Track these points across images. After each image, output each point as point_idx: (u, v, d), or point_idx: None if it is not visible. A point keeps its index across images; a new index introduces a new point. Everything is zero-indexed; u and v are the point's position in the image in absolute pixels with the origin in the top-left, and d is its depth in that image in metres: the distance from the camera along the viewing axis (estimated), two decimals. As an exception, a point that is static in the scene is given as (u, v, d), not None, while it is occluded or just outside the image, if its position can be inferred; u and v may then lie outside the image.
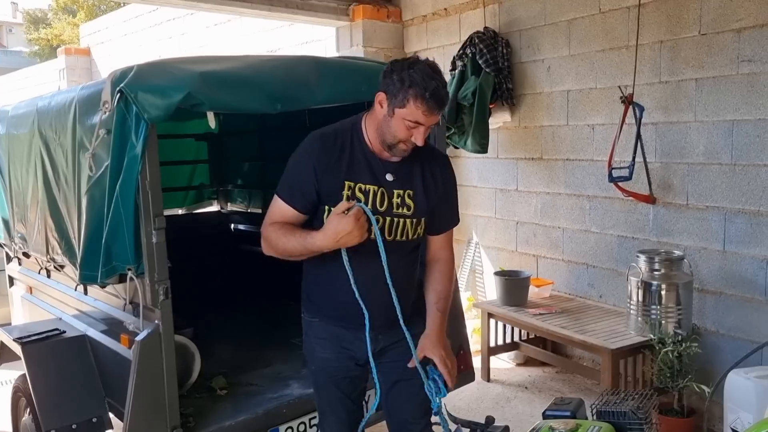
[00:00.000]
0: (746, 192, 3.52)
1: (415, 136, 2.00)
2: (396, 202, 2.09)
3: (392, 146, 2.04)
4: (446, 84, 2.01)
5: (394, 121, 1.99)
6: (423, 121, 1.97)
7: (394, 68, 1.99)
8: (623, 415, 1.99)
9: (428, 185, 2.16)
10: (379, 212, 2.07)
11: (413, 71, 1.94)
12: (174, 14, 8.62)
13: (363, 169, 2.08)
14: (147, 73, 2.32)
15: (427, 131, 2.02)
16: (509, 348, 4.63)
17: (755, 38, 3.41)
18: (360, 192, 2.06)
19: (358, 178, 2.07)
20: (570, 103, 4.44)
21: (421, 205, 2.14)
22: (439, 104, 1.96)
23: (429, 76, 1.94)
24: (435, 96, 1.94)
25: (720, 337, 3.69)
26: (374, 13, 5.55)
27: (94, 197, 2.52)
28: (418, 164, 2.14)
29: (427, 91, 1.92)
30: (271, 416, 2.75)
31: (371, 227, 1.99)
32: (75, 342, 2.97)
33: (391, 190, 2.10)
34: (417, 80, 1.93)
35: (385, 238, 2.06)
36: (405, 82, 1.94)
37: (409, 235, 2.14)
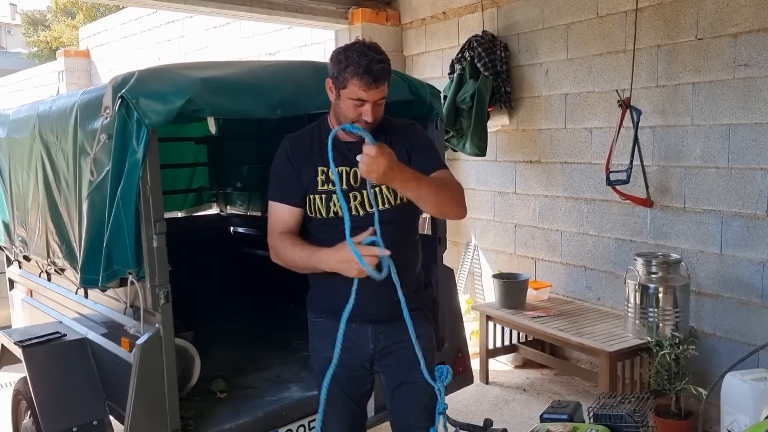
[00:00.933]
0: (743, 195, 3.54)
1: (363, 114, 2.06)
2: None
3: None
4: (383, 59, 2.04)
5: (342, 103, 2.08)
6: (365, 97, 2.03)
7: (335, 53, 2.08)
8: (620, 418, 2.00)
9: (397, 150, 2.10)
10: (355, 188, 2.16)
11: (349, 52, 2.02)
12: (173, 17, 8.64)
13: (335, 155, 2.11)
14: (148, 79, 2.33)
15: (376, 108, 2.07)
16: (508, 350, 4.65)
17: (751, 43, 3.44)
18: (333, 174, 2.12)
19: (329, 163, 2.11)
20: (568, 107, 4.46)
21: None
22: (374, 78, 2.00)
23: (362, 53, 2.01)
24: (369, 71, 1.99)
25: (717, 340, 3.71)
26: (373, 16, 5.57)
27: (95, 202, 2.54)
28: (383, 136, 2.17)
29: (361, 67, 1.99)
30: (270, 419, 2.76)
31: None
32: (75, 345, 2.98)
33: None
34: (353, 59, 2.00)
35: (367, 211, 2.14)
36: (342, 63, 2.02)
37: (392, 201, 2.17)
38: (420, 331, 2.24)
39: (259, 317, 4.31)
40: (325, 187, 2.17)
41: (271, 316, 4.26)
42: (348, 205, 2.12)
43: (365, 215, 2.15)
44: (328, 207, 2.17)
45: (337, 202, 2.14)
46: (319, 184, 2.17)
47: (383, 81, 2.05)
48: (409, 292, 2.16)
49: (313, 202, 2.18)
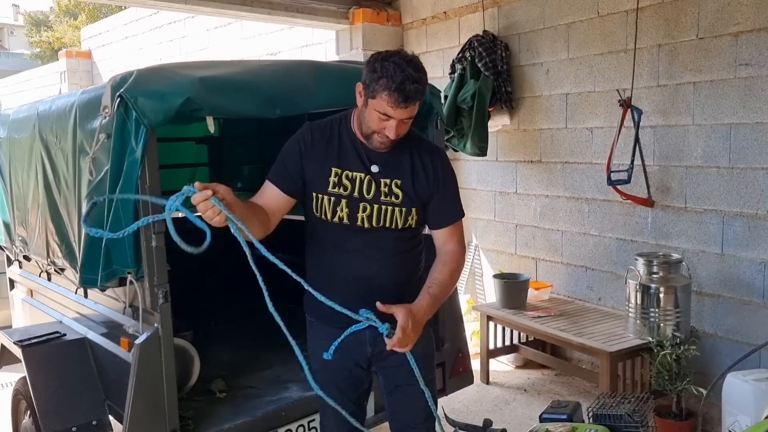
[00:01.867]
0: (744, 195, 3.53)
1: (387, 128, 2.00)
2: (384, 191, 2.11)
3: (368, 137, 2.06)
4: (419, 79, 1.95)
5: (368, 112, 2.01)
6: (391, 113, 1.96)
7: (372, 59, 2.00)
8: (619, 419, 1.99)
9: (417, 175, 2.14)
10: (366, 199, 2.10)
11: (387, 63, 1.93)
12: (175, 17, 8.64)
13: (351, 156, 2.12)
14: (147, 79, 2.33)
15: (401, 126, 2.00)
16: (508, 351, 4.64)
17: (753, 42, 3.43)
18: (347, 179, 2.10)
19: (346, 165, 2.11)
20: (569, 107, 4.45)
21: (409, 194, 2.13)
22: (404, 97, 1.92)
23: (400, 68, 1.91)
24: (401, 89, 1.91)
25: (718, 340, 3.70)
26: (374, 16, 5.56)
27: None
28: (407, 153, 2.14)
29: (395, 83, 1.90)
30: (270, 419, 2.76)
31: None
32: (75, 345, 2.98)
33: (378, 179, 2.11)
34: (389, 71, 1.91)
35: (372, 226, 2.11)
36: (377, 72, 1.93)
37: (398, 224, 2.13)
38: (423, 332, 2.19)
39: (259, 317, 4.27)
40: (336, 189, 2.10)
41: (271, 315, 4.24)
42: (356, 215, 2.10)
43: (369, 229, 2.11)
44: (334, 211, 2.11)
45: (345, 207, 2.10)
46: (330, 185, 2.10)
47: (414, 101, 1.96)
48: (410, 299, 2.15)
49: (320, 201, 2.12)
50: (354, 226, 2.10)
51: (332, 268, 2.18)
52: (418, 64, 1.98)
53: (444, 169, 2.23)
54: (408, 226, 2.17)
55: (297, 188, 2.14)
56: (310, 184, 2.13)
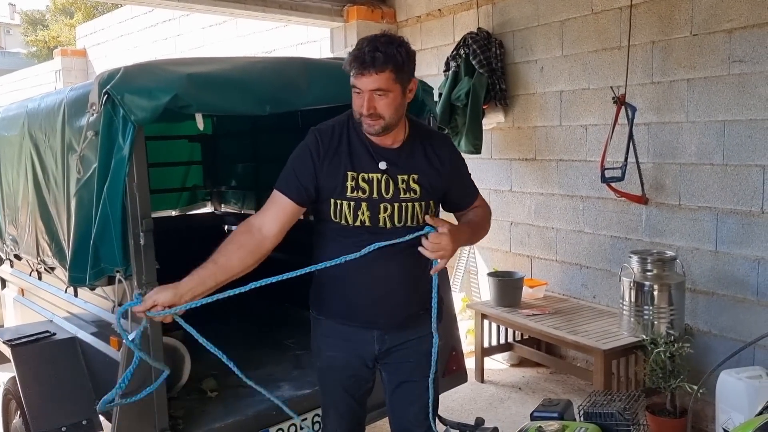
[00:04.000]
0: (738, 192, 3.52)
1: (362, 105, 1.97)
2: (402, 188, 2.09)
3: (360, 124, 2.04)
4: (382, 46, 1.92)
5: (353, 97, 2.02)
6: (358, 84, 1.95)
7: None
8: (610, 417, 1.99)
9: (433, 165, 2.14)
10: (386, 199, 2.07)
11: (361, 39, 1.98)
12: (170, 15, 8.62)
13: (364, 157, 2.08)
14: (134, 75, 2.31)
15: (372, 99, 1.95)
16: (503, 349, 4.63)
17: (746, 39, 3.41)
18: (364, 182, 2.06)
19: (360, 167, 2.07)
20: (563, 104, 4.44)
21: (426, 187, 2.12)
22: (361, 63, 1.91)
23: (367, 40, 1.95)
24: (358, 55, 1.92)
25: (712, 338, 3.69)
26: (368, 14, 5.54)
27: (83, 199, 2.52)
28: (419, 146, 2.14)
29: (352, 53, 1.94)
30: (261, 418, 2.75)
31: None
32: (65, 344, 2.97)
33: (395, 175, 2.08)
34: (356, 45, 1.96)
35: (395, 225, 2.09)
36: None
37: (419, 219, 2.11)
38: (426, 331, 2.22)
39: (252, 316, 4.29)
40: (355, 194, 2.06)
41: (264, 315, 4.24)
42: (377, 216, 2.08)
43: (392, 229, 2.08)
44: (355, 215, 2.07)
45: (365, 211, 2.07)
46: (349, 190, 2.06)
47: (374, 67, 1.91)
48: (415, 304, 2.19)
49: (339, 207, 2.07)
50: (376, 228, 2.08)
51: (350, 270, 2.10)
52: (395, 40, 1.97)
53: (454, 153, 2.26)
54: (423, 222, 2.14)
55: (309, 198, 2.09)
56: (326, 192, 2.08)
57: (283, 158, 2.16)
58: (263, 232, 2.04)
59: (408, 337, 2.20)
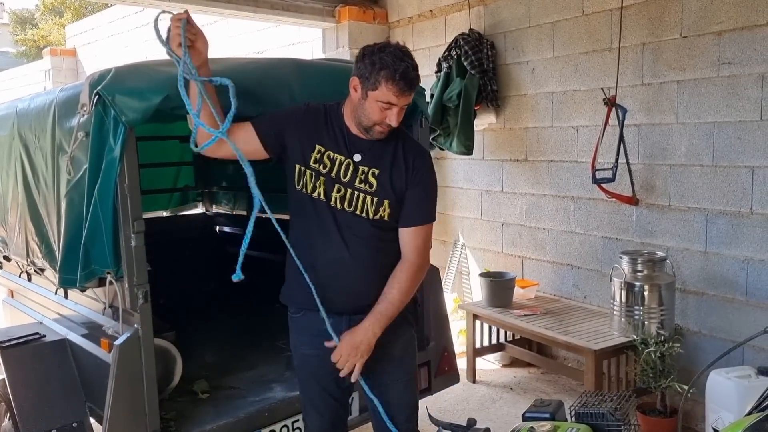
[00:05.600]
0: (727, 193, 3.55)
1: (389, 117, 2.09)
2: (359, 177, 2.18)
3: (368, 129, 2.14)
4: (416, 66, 2.08)
5: (368, 104, 2.09)
6: (395, 101, 2.06)
7: (365, 53, 2.09)
8: (601, 417, 1.99)
9: (397, 168, 2.20)
10: (342, 182, 2.17)
11: (384, 54, 2.04)
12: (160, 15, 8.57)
13: (338, 141, 2.19)
14: (125, 76, 2.30)
15: (401, 113, 2.10)
16: (495, 349, 4.64)
17: (735, 41, 3.44)
18: (328, 159, 2.17)
19: (330, 146, 2.19)
20: (554, 105, 4.46)
21: (384, 185, 2.17)
22: (409, 84, 2.04)
23: (399, 58, 2.03)
24: (405, 76, 2.02)
25: (702, 338, 3.72)
26: (360, 14, 5.55)
27: (73, 200, 2.50)
28: (391, 146, 2.21)
29: (398, 72, 2.01)
30: (253, 420, 2.74)
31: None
32: (55, 346, 2.94)
33: (357, 166, 2.18)
34: (388, 62, 2.02)
35: (344, 208, 2.17)
36: (376, 65, 2.03)
37: (369, 213, 2.17)
38: (398, 333, 2.29)
39: (244, 317, 4.28)
40: (316, 166, 2.18)
41: (256, 316, 4.22)
42: (330, 194, 2.16)
43: (343, 210, 2.17)
44: (314, 186, 2.18)
45: (322, 185, 2.16)
46: (312, 160, 2.18)
47: (416, 87, 2.10)
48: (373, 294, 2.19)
49: (302, 174, 2.19)
50: (329, 204, 2.17)
51: (312, 249, 2.21)
52: (411, 54, 2.11)
53: (425, 169, 2.25)
54: (380, 218, 2.18)
55: (273, 145, 2.20)
56: (293, 154, 2.19)
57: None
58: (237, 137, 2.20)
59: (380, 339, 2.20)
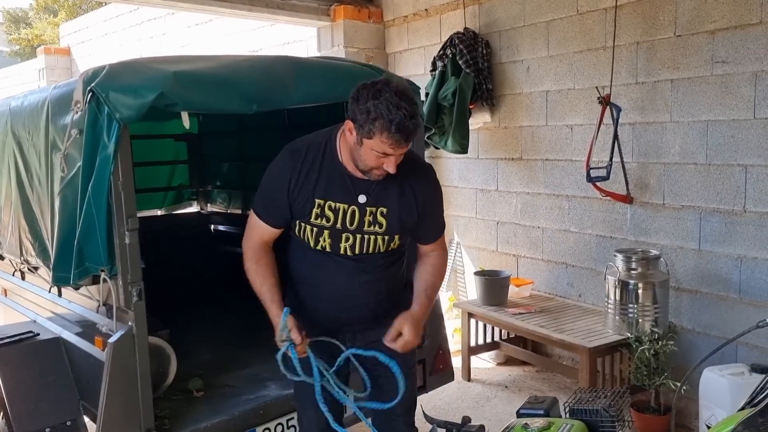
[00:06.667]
0: (721, 192, 3.56)
1: (386, 164, 1.97)
2: (368, 220, 2.11)
3: (366, 172, 2.04)
4: (415, 112, 1.92)
5: (364, 151, 1.97)
6: (391, 152, 1.94)
7: (359, 96, 1.93)
8: (595, 413, 2.00)
9: (405, 202, 2.14)
10: (349, 230, 2.11)
11: (378, 102, 1.87)
12: (155, 14, 8.55)
13: (336, 186, 2.09)
14: (119, 73, 2.30)
15: (399, 158, 1.99)
16: (490, 347, 4.65)
17: (729, 40, 3.46)
18: (330, 210, 2.09)
19: (329, 196, 2.09)
20: (549, 104, 4.46)
21: (393, 222, 2.14)
22: (405, 136, 1.90)
23: (395, 105, 1.86)
24: (401, 129, 1.88)
25: (696, 335, 3.73)
26: (355, 13, 5.54)
27: (67, 198, 2.50)
28: (395, 181, 2.10)
29: (393, 123, 1.86)
30: (247, 417, 2.74)
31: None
32: (49, 344, 2.94)
33: (364, 208, 2.10)
34: (382, 111, 1.87)
35: (355, 254, 2.14)
36: (371, 113, 1.88)
37: (380, 249, 2.17)
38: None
39: (239, 315, 4.26)
40: (319, 221, 2.10)
41: (250, 314, 4.20)
42: (338, 245, 2.12)
43: (352, 256, 2.15)
44: (317, 240, 2.13)
45: (327, 238, 2.12)
46: (313, 216, 2.10)
47: (413, 137, 1.93)
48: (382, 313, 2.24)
49: (303, 229, 2.14)
50: (337, 254, 2.14)
51: (316, 284, 2.23)
52: (410, 95, 1.93)
53: (431, 190, 2.23)
54: (392, 249, 2.20)
55: (286, 220, 2.17)
56: (297, 213, 2.13)
57: (269, 158, 2.17)
58: (269, 244, 2.22)
59: (378, 336, 2.26)
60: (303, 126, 3.91)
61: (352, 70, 3.06)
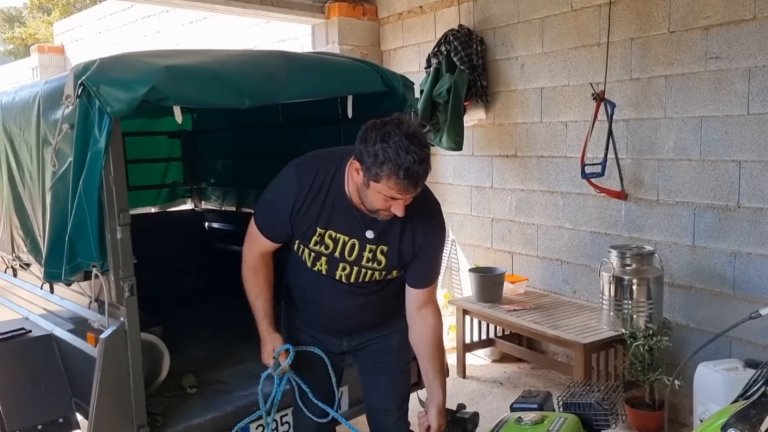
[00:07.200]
0: (714, 187, 3.57)
1: (394, 208, 1.92)
2: (367, 256, 2.10)
3: (373, 212, 1.99)
4: (425, 156, 1.83)
5: (371, 193, 1.91)
6: (399, 197, 1.88)
7: (368, 137, 1.85)
8: (589, 407, 2.00)
9: (405, 241, 2.10)
10: (347, 261, 2.11)
11: (387, 145, 1.80)
12: (149, 11, 8.52)
13: (340, 219, 2.05)
14: (110, 67, 2.28)
15: (407, 201, 1.92)
16: (485, 344, 4.65)
17: (722, 36, 3.46)
18: (330, 239, 2.08)
19: (332, 226, 2.07)
20: (543, 101, 4.46)
21: (392, 260, 2.13)
22: (414, 182, 1.83)
23: (405, 150, 1.78)
24: (409, 175, 1.80)
25: (690, 331, 3.74)
26: (350, 10, 5.53)
27: (58, 193, 2.48)
28: (401, 221, 2.03)
29: (401, 168, 1.79)
30: (241, 414, 2.70)
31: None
32: (41, 341, 2.92)
33: (364, 245, 2.08)
34: (390, 156, 1.79)
35: (350, 282, 2.15)
36: (378, 157, 1.81)
37: (376, 280, 2.18)
38: (395, 327, 2.34)
39: (232, 312, 4.23)
40: (317, 248, 2.10)
41: (244, 311, 4.19)
42: (334, 272, 2.14)
43: (347, 284, 2.16)
44: (313, 263, 2.15)
45: (324, 264, 2.13)
46: (312, 242, 2.09)
47: (422, 182, 1.86)
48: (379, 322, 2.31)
49: (302, 250, 2.15)
50: (333, 278, 2.16)
51: (312, 296, 2.26)
52: (420, 137, 1.85)
53: (435, 234, 2.16)
54: (388, 279, 2.21)
55: (287, 237, 2.18)
56: (297, 234, 2.14)
57: (263, 154, 2.17)
58: (269, 255, 2.26)
59: (376, 334, 2.32)
60: (297, 123, 3.94)
61: (346, 65, 3.05)
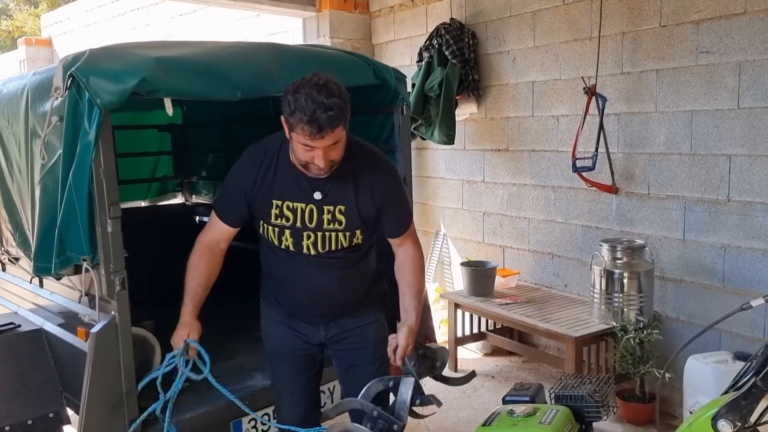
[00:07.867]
0: (705, 181, 3.59)
1: (315, 158, 2.00)
2: (326, 218, 2.15)
3: (305, 167, 2.07)
4: (333, 104, 1.91)
5: (294, 144, 2.03)
6: (312, 144, 1.96)
7: (287, 91, 1.97)
8: (580, 399, 2.01)
9: (362, 198, 2.16)
10: (309, 228, 2.16)
11: (298, 95, 1.92)
12: (138, 4, 8.45)
13: (292, 187, 2.14)
14: (99, 58, 2.26)
15: (330, 152, 2.00)
16: (476, 338, 4.66)
17: (713, 30, 3.47)
18: (288, 210, 2.14)
19: (286, 196, 2.15)
20: (535, 95, 4.47)
21: (353, 219, 2.17)
22: (318, 128, 1.91)
23: (311, 98, 1.90)
24: (313, 119, 1.89)
25: (680, 324, 3.76)
26: (341, 3, 5.50)
27: (47, 186, 2.46)
28: (351, 178, 2.14)
29: (307, 115, 1.89)
30: (233, 408, 2.69)
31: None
32: (30, 336, 2.90)
33: (321, 206, 2.15)
34: (300, 104, 1.90)
35: (318, 251, 2.18)
36: (291, 106, 1.93)
37: (343, 245, 2.20)
38: (371, 319, 2.39)
39: (224, 307, 4.22)
40: (279, 221, 2.16)
41: (235, 305, 4.18)
42: (300, 243, 2.17)
43: (316, 254, 2.19)
44: (280, 240, 2.19)
45: (289, 237, 2.17)
46: (273, 217, 2.15)
47: (331, 128, 1.93)
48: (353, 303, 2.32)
49: (266, 230, 2.20)
50: (300, 253, 2.19)
51: (286, 280, 2.28)
52: (332, 88, 1.94)
53: (391, 186, 2.24)
54: (354, 244, 2.23)
55: (244, 220, 2.26)
56: (258, 214, 2.20)
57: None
58: (220, 245, 2.32)
59: (353, 325, 2.34)
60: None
61: (338, 57, 3.04)
